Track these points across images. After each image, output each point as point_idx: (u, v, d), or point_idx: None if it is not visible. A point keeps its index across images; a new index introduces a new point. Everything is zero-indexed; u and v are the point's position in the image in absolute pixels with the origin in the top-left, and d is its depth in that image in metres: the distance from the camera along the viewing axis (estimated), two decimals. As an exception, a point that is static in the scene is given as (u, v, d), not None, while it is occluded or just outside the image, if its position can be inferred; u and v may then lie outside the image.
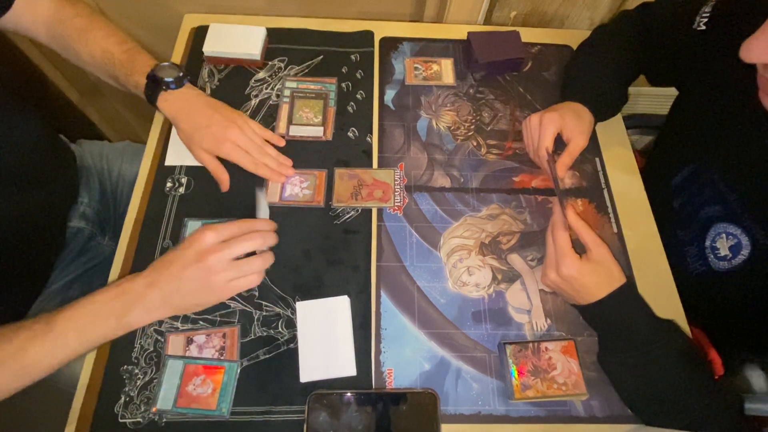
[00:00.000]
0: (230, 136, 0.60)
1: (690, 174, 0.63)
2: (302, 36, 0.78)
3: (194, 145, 0.61)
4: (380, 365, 0.54)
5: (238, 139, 0.61)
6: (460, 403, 0.53)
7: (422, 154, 0.69)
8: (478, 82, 0.76)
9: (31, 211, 0.61)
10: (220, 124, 0.60)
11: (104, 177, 0.76)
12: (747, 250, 0.54)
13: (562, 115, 0.61)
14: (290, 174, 0.65)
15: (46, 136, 0.66)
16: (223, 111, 0.62)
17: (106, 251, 0.74)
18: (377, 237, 0.62)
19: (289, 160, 0.65)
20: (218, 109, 0.62)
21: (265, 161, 0.63)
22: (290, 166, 0.65)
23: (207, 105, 0.62)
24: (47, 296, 0.66)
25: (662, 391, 0.50)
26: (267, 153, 0.63)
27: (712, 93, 0.60)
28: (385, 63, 0.77)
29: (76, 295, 0.68)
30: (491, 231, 0.63)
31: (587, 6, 0.87)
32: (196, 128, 0.60)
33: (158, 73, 0.59)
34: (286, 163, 0.65)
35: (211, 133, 0.60)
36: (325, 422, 0.48)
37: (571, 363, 0.53)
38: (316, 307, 0.55)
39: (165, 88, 0.59)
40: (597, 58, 0.70)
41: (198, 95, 0.63)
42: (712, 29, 0.57)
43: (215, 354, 0.53)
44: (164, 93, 0.60)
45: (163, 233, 0.60)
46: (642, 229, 0.65)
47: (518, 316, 0.58)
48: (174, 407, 0.50)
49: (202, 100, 0.62)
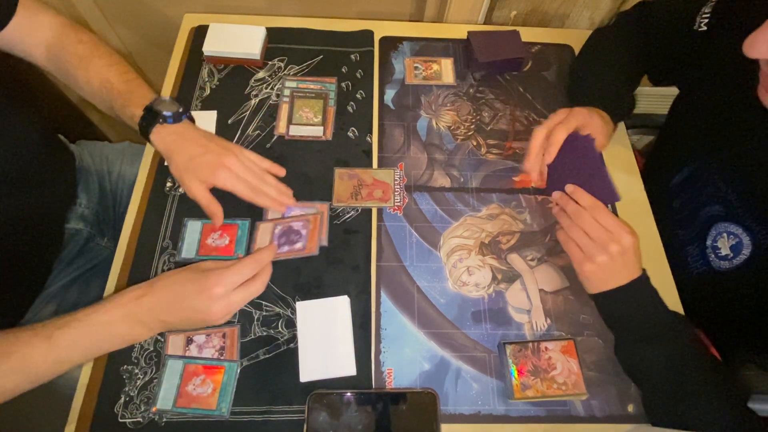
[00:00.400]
0: (226, 163, 0.57)
1: (690, 173, 0.63)
2: (302, 36, 0.78)
3: (188, 176, 0.57)
4: (380, 365, 0.54)
5: (234, 166, 0.57)
6: (459, 402, 0.53)
7: (422, 154, 0.69)
8: (478, 81, 0.76)
9: (29, 212, 0.61)
10: (215, 151, 0.57)
11: (104, 178, 0.76)
12: (748, 250, 0.53)
13: (591, 113, 0.60)
14: (291, 204, 0.61)
15: (44, 136, 0.66)
16: (219, 141, 0.60)
17: (104, 252, 0.74)
18: (377, 237, 0.62)
19: (290, 189, 0.62)
20: (213, 139, 0.59)
21: (264, 190, 0.59)
22: (291, 196, 0.61)
23: (202, 136, 0.59)
24: (45, 297, 0.66)
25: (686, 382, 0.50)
26: (266, 181, 0.60)
27: (713, 92, 0.59)
28: (385, 63, 0.77)
29: (74, 296, 0.68)
30: (491, 231, 0.63)
31: (587, 5, 0.86)
32: (190, 158, 0.57)
33: (157, 107, 0.57)
34: (287, 192, 0.61)
35: (206, 161, 0.57)
36: (325, 422, 0.48)
37: (571, 363, 0.53)
38: (316, 307, 0.55)
39: (162, 121, 0.57)
40: (603, 65, 0.69)
41: (193, 127, 0.60)
42: (712, 29, 0.57)
43: (215, 354, 0.53)
44: (159, 126, 0.57)
45: (162, 233, 0.60)
46: (642, 229, 0.64)
47: (518, 316, 0.58)
48: (174, 407, 0.50)
49: (197, 132, 0.60)
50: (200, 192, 0.57)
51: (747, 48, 0.40)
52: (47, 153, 0.66)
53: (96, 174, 0.76)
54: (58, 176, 0.68)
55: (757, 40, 0.40)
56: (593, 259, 0.53)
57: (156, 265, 0.58)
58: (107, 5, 0.89)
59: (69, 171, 0.72)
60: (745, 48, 0.40)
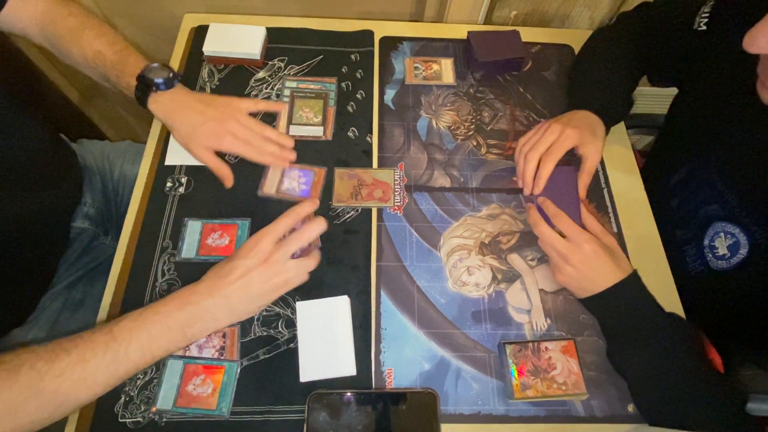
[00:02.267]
0: (230, 129, 0.60)
1: (688, 173, 0.63)
2: (302, 36, 0.78)
3: (193, 144, 0.60)
4: (380, 365, 0.54)
5: (237, 130, 0.60)
6: (459, 402, 0.53)
7: (422, 154, 0.69)
8: (478, 81, 0.76)
9: (36, 212, 0.61)
10: (216, 118, 0.60)
11: (106, 177, 0.76)
12: (745, 249, 0.54)
13: (581, 134, 0.61)
14: (293, 158, 0.64)
15: (51, 137, 0.66)
16: (216, 104, 0.62)
17: (108, 251, 0.74)
18: (377, 237, 0.62)
19: (291, 139, 0.65)
20: (210, 104, 0.61)
21: (268, 148, 0.62)
22: (292, 149, 0.65)
23: (198, 101, 0.61)
24: (51, 296, 0.66)
25: (671, 383, 0.50)
26: (268, 138, 0.63)
27: (711, 92, 0.60)
28: (385, 62, 0.77)
29: (79, 295, 0.68)
30: (491, 231, 0.63)
31: (587, 5, 0.86)
32: (192, 126, 0.59)
33: (148, 75, 0.58)
34: (288, 143, 0.64)
35: (210, 129, 0.59)
36: (325, 422, 0.48)
37: (571, 363, 0.53)
38: (316, 307, 0.55)
39: (155, 89, 0.58)
40: (603, 65, 0.69)
41: (188, 93, 0.62)
42: (711, 29, 0.57)
43: (215, 354, 0.53)
44: (154, 94, 0.59)
45: (163, 233, 0.60)
46: (642, 229, 0.65)
47: (518, 315, 0.58)
48: (174, 407, 0.50)
49: (193, 97, 0.62)
50: (208, 157, 0.60)
51: (747, 43, 0.40)
52: (54, 153, 0.67)
53: (99, 173, 0.76)
54: (65, 176, 0.69)
55: (757, 35, 0.39)
56: (561, 270, 0.55)
57: (156, 265, 0.58)
58: (107, 5, 0.89)
59: (74, 171, 0.72)
60: (745, 43, 0.40)
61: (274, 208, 0.62)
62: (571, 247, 0.54)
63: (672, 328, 0.53)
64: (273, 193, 0.63)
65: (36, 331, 0.63)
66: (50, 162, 0.65)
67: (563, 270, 0.55)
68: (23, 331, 0.63)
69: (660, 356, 0.51)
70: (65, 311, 0.66)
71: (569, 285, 0.56)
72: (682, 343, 0.52)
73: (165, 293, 0.56)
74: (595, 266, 0.53)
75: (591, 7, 0.87)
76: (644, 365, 0.52)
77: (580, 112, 0.64)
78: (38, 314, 0.64)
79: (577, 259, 0.53)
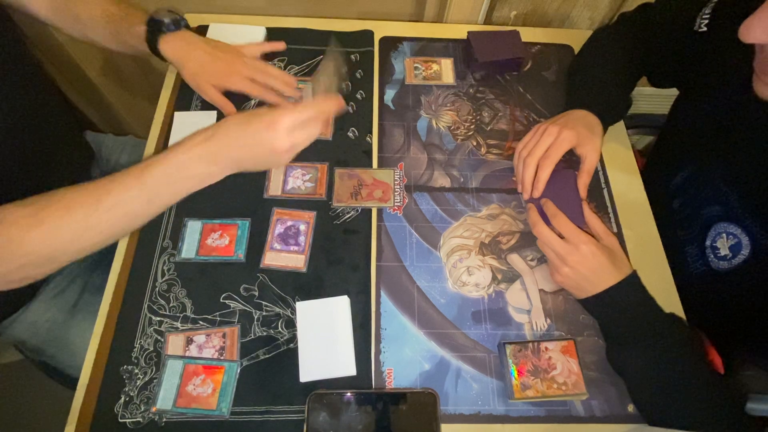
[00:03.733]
0: (237, 68, 0.65)
1: (690, 174, 0.63)
2: (302, 36, 0.78)
3: (202, 82, 0.64)
4: (380, 365, 0.54)
5: (243, 69, 0.65)
6: (459, 402, 0.53)
7: (422, 154, 0.69)
8: (478, 81, 0.76)
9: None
10: (224, 59, 0.65)
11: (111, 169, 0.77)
12: (747, 250, 0.54)
13: (578, 134, 0.60)
14: (295, 95, 0.68)
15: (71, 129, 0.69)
16: (222, 47, 0.67)
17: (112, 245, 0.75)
18: (377, 237, 0.62)
19: (292, 78, 0.69)
20: (217, 46, 0.66)
21: (271, 84, 0.66)
22: (294, 84, 0.68)
23: (206, 43, 0.66)
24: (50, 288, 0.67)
25: (670, 384, 0.50)
26: (271, 74, 0.67)
27: (713, 93, 0.59)
28: (385, 63, 0.77)
29: (77, 288, 0.70)
30: (491, 231, 0.63)
31: (587, 6, 0.86)
32: (201, 65, 0.64)
33: (157, 17, 0.62)
34: (290, 81, 0.68)
35: (218, 68, 0.64)
36: (325, 422, 0.48)
37: (571, 363, 0.53)
38: (316, 307, 0.55)
39: (165, 30, 0.62)
40: (602, 65, 0.69)
41: (196, 35, 0.66)
42: (712, 30, 0.57)
43: (215, 354, 0.53)
44: (164, 36, 0.62)
45: (162, 233, 0.60)
46: (642, 229, 0.65)
47: (518, 316, 0.58)
48: (174, 407, 0.50)
49: (201, 39, 0.66)
50: (215, 95, 0.65)
51: (743, 33, 0.40)
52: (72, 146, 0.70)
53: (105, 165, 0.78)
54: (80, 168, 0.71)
55: (753, 25, 0.39)
56: (559, 270, 0.55)
57: (156, 265, 0.58)
58: (107, 5, 0.89)
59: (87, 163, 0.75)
60: (741, 33, 0.40)
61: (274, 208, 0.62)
62: (568, 247, 0.54)
63: (671, 328, 0.53)
64: (278, 194, 0.63)
65: (54, 312, 0.67)
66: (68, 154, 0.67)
67: (561, 270, 0.55)
68: (41, 311, 0.66)
69: (659, 357, 0.51)
70: (64, 301, 0.68)
71: (567, 285, 0.56)
72: (682, 343, 0.52)
73: (165, 293, 0.56)
74: (592, 267, 0.53)
75: (591, 8, 0.87)
76: (643, 366, 0.52)
77: (578, 112, 0.64)
78: (57, 294, 0.67)
79: (574, 260, 0.53)
